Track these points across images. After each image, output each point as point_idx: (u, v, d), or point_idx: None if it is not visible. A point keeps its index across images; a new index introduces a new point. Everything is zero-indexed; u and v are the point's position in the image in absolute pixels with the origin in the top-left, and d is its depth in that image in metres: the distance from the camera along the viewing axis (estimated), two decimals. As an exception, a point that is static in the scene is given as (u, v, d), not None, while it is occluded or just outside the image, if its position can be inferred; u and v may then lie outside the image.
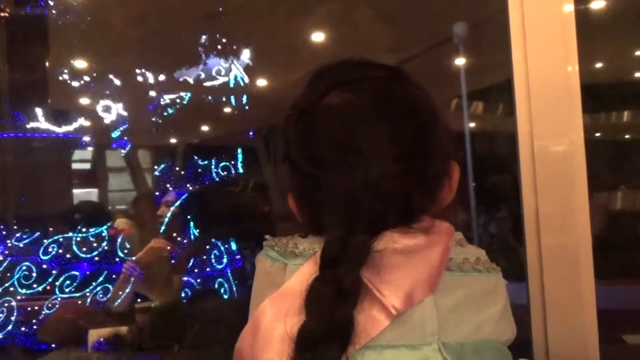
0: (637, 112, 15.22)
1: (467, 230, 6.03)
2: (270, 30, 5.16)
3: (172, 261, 4.92)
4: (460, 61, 8.41)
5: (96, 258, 5.02)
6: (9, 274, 4.99)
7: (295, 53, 5.88)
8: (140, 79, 5.34)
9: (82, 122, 6.33)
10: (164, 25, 4.93)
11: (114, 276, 4.93)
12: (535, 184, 1.15)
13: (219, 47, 5.18)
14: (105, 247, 5.09)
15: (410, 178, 0.96)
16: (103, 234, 5.15)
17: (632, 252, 5.28)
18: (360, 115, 0.97)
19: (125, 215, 5.76)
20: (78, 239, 5.05)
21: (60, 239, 5.08)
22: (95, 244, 5.05)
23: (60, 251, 5.03)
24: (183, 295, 5.03)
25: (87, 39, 5.54)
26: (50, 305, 4.93)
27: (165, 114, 5.45)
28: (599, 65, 12.67)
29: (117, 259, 5.03)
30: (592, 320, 1.19)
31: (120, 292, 4.73)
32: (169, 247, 4.88)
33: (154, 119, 5.30)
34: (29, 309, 4.91)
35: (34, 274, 4.97)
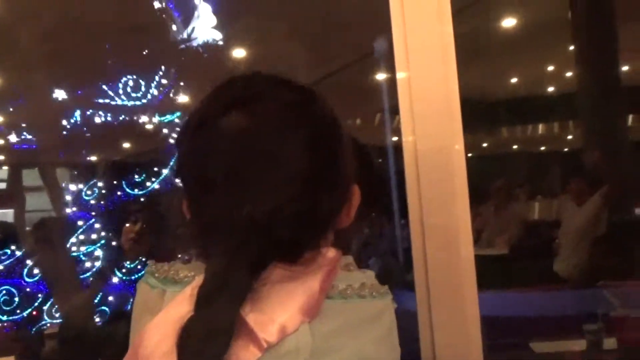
0: (551, 125, 15.89)
1: (389, 243, 6.12)
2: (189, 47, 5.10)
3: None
4: (381, 76, 8.55)
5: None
6: None
7: (216, 70, 5.84)
8: (55, 95, 5.18)
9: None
10: (77, 41, 4.81)
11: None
12: (420, 196, 1.17)
13: (138, 65, 5.09)
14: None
15: (303, 218, 0.93)
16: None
17: (548, 260, 5.47)
18: (257, 143, 0.93)
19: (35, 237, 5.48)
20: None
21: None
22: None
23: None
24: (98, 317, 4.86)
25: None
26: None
27: (84, 129, 5.30)
28: (514, 80, 13.18)
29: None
30: (475, 330, 1.22)
31: None
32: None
33: (66, 134, 5.14)
34: None
35: None
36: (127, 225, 4.25)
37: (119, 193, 4.95)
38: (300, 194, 0.90)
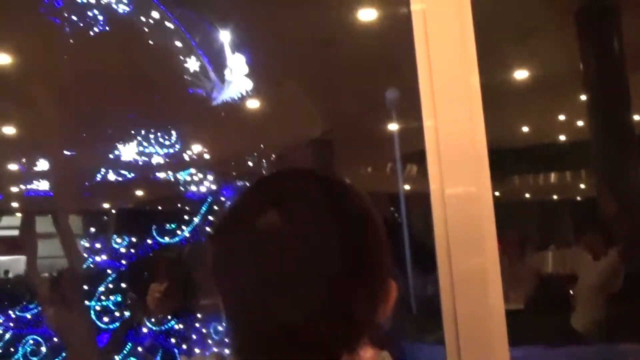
0: (563, 173, 15.86)
1: (404, 295, 6.03)
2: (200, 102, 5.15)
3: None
4: (393, 126, 8.58)
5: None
6: None
7: (231, 124, 5.88)
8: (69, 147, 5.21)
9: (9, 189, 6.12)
10: (91, 94, 4.87)
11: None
12: (448, 247, 1.15)
13: (152, 118, 5.13)
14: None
15: (337, 322, 0.90)
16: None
17: (564, 315, 5.36)
18: (290, 246, 0.91)
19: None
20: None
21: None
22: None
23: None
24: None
25: (13, 107, 5.41)
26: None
27: (96, 179, 5.32)
28: (525, 129, 13.21)
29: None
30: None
31: None
32: None
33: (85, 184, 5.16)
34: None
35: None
36: (153, 284, 4.21)
37: (149, 241, 4.90)
38: (334, 298, 0.87)
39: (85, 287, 4.75)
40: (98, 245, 4.89)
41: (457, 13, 1.17)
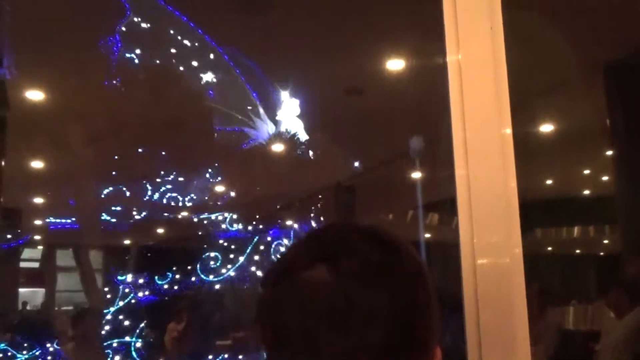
0: (586, 228, 15.68)
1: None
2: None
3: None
4: (416, 174, 8.58)
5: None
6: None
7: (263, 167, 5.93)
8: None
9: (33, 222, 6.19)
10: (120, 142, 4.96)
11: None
12: (477, 298, 1.14)
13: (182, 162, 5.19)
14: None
15: None
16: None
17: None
18: (336, 303, 0.91)
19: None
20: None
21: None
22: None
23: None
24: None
25: (45, 143, 5.53)
26: None
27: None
28: (549, 182, 13.14)
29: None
30: None
31: None
32: None
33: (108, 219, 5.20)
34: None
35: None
36: (172, 324, 4.19)
37: (193, 278, 4.90)
38: None
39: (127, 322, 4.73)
40: (141, 281, 4.89)
41: (493, 64, 1.19)
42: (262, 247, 4.78)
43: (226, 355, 4.51)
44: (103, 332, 4.62)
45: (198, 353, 4.30)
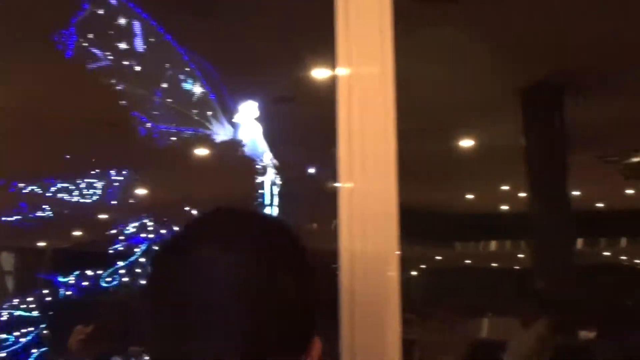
0: (503, 242, 16.21)
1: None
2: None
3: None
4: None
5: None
6: None
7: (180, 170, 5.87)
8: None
9: None
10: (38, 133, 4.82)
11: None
12: (353, 307, 1.19)
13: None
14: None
15: None
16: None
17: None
18: (226, 285, 0.93)
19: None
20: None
21: None
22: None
23: None
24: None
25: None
26: None
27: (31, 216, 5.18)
28: (470, 196, 13.51)
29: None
30: None
31: None
32: None
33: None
34: None
35: None
36: (79, 326, 4.07)
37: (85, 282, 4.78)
38: (251, 349, 0.89)
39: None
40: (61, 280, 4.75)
41: (381, 79, 1.24)
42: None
43: None
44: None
45: (106, 358, 4.19)
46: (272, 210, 5.14)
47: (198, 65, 4.69)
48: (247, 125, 5.00)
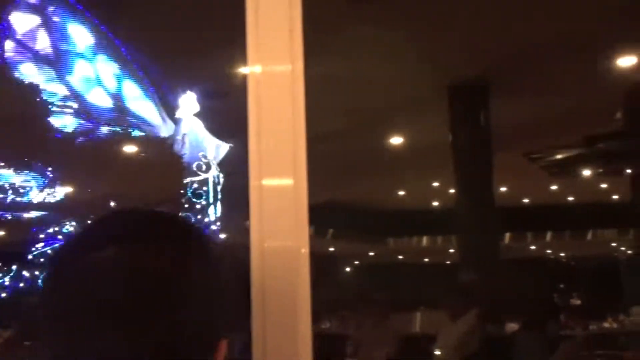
0: (435, 237, 16.55)
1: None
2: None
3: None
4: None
5: None
6: None
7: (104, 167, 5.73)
8: None
9: None
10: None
11: None
12: (264, 301, 1.20)
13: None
14: None
15: None
16: None
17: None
18: (125, 286, 0.92)
19: None
20: None
21: None
22: None
23: None
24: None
25: None
26: None
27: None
28: (402, 193, 13.73)
29: None
30: None
31: None
32: None
33: None
34: None
35: None
36: None
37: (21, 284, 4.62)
38: (158, 336, 0.88)
39: None
40: None
41: (291, 77, 1.25)
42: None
43: None
44: None
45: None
46: (216, 207, 5.08)
47: (137, 60, 4.60)
48: (188, 120, 4.93)
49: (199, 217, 5.35)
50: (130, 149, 5.65)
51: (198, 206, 4.98)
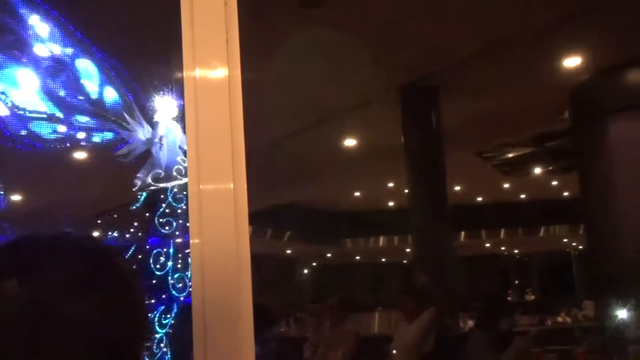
0: (391, 237, 16.66)
1: None
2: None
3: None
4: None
5: None
6: None
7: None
8: None
9: None
10: None
11: None
12: (204, 303, 1.18)
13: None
14: None
15: None
16: None
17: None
18: (27, 320, 0.89)
19: None
20: None
21: None
22: None
23: None
24: None
25: None
26: None
27: None
28: (357, 194, 13.79)
29: None
30: None
31: None
32: None
33: None
34: None
35: None
36: None
37: None
38: None
39: None
40: None
41: (228, 81, 1.23)
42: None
43: None
44: None
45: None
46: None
47: (108, 61, 4.48)
48: (166, 124, 4.84)
49: (180, 221, 5.28)
50: (80, 155, 5.54)
51: (179, 211, 4.90)
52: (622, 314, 5.72)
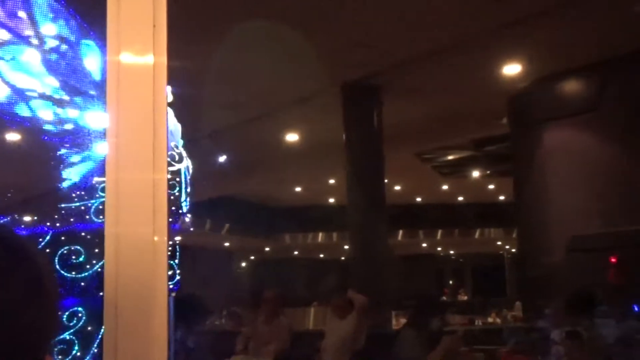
0: (329, 233, 16.73)
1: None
2: None
3: None
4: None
5: None
6: None
7: None
8: None
9: None
10: None
11: None
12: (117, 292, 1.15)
13: None
14: None
15: None
16: None
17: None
18: None
19: None
20: None
21: None
22: None
23: None
24: None
25: None
26: None
27: None
28: (298, 189, 13.78)
29: None
30: None
31: None
32: None
33: None
34: None
35: None
36: None
37: None
38: None
39: None
40: None
41: (152, 68, 1.20)
42: None
43: None
44: None
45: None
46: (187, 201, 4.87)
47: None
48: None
49: (172, 208, 5.19)
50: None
51: (172, 197, 4.79)
52: (548, 314, 5.86)
